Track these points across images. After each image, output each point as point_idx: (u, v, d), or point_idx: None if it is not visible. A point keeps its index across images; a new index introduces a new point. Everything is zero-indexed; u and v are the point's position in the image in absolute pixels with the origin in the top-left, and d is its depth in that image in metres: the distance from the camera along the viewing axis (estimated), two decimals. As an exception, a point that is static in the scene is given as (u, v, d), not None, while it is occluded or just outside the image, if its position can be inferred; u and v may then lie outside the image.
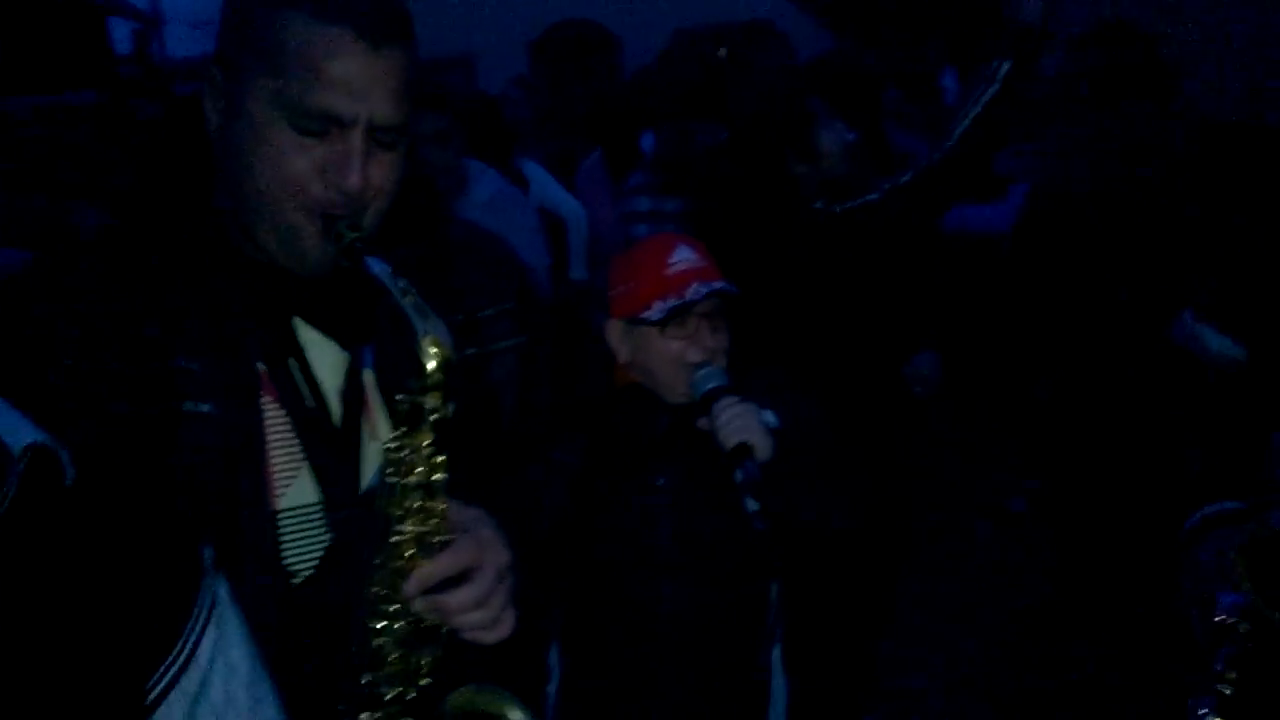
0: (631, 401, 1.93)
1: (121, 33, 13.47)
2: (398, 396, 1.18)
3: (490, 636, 1.22)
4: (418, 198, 1.37)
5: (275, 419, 1.25)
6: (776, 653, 1.97)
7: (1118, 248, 2.62)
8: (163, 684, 0.94)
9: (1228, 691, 1.33)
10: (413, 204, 1.33)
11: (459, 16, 14.04)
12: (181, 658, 0.95)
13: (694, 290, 1.82)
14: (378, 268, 1.16)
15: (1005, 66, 2.37)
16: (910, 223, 2.61)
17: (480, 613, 1.20)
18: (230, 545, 1.15)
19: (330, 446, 1.27)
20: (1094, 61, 2.78)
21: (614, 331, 1.94)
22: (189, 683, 0.95)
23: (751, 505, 1.72)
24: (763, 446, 1.72)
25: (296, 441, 1.26)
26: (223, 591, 1.02)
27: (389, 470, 1.18)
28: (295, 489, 1.26)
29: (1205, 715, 1.35)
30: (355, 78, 1.18)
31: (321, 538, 1.27)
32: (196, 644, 0.96)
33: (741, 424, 1.73)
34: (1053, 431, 2.95)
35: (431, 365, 1.13)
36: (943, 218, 2.96)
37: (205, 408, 1.20)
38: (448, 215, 1.52)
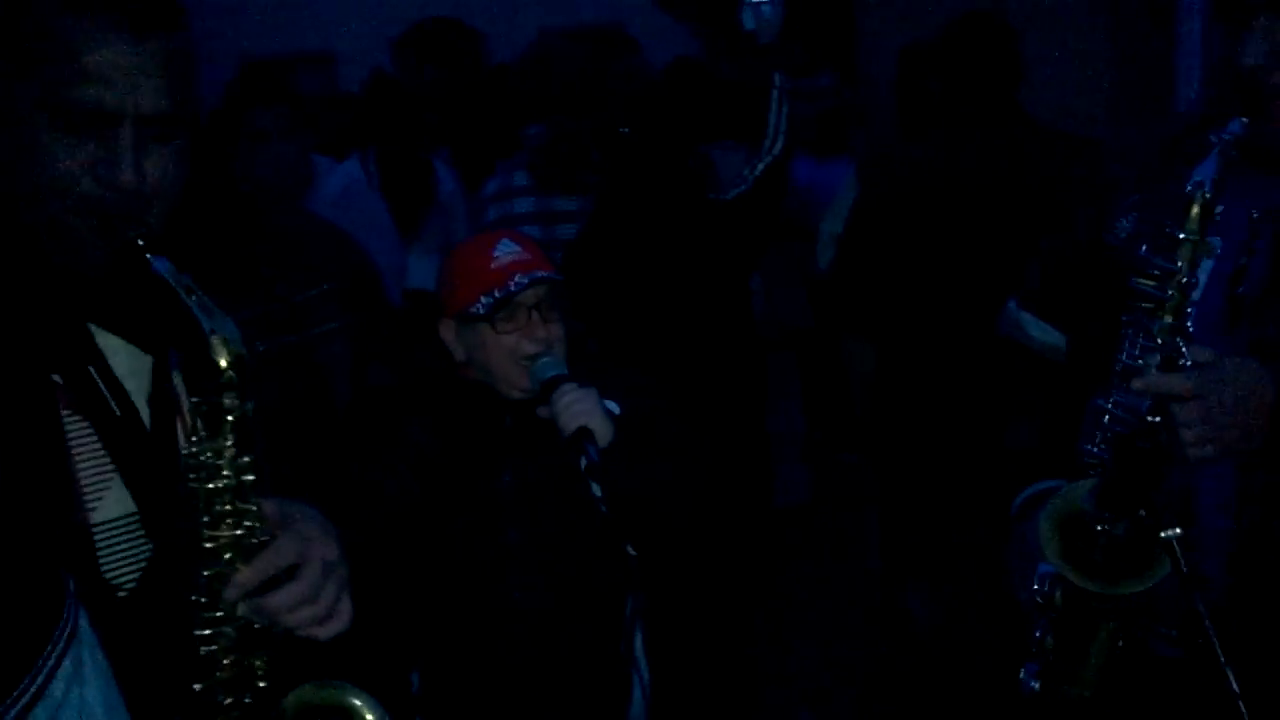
0: (474, 400, 1.94)
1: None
2: (193, 399, 1.15)
3: (326, 631, 1.21)
4: (215, 188, 1.34)
5: (78, 431, 1.20)
6: (639, 643, 1.99)
7: (938, 231, 2.78)
8: (11, 715, 0.91)
9: (1050, 658, 1.40)
10: (209, 195, 1.31)
11: (318, 13, 13.70)
12: (32, 689, 0.92)
13: (516, 281, 1.85)
14: (161, 266, 1.13)
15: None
16: (772, 205, 2.84)
17: (309, 609, 1.19)
18: (45, 561, 1.12)
19: (142, 454, 1.23)
20: (942, 57, 2.94)
21: (448, 331, 1.94)
22: (41, 716, 0.92)
23: (595, 491, 1.75)
24: (602, 430, 1.75)
25: (104, 452, 1.21)
26: (83, 624, 0.98)
27: (190, 476, 1.15)
28: (109, 501, 1.22)
29: (1030, 682, 1.42)
30: (118, 69, 1.13)
31: (143, 549, 1.23)
32: (50, 677, 0.93)
33: (580, 408, 1.76)
34: (881, 407, 3.07)
35: (223, 363, 1.12)
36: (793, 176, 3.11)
37: None
38: (256, 205, 1.49)
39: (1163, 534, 1.25)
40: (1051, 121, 3.12)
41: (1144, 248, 1.34)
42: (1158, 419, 1.27)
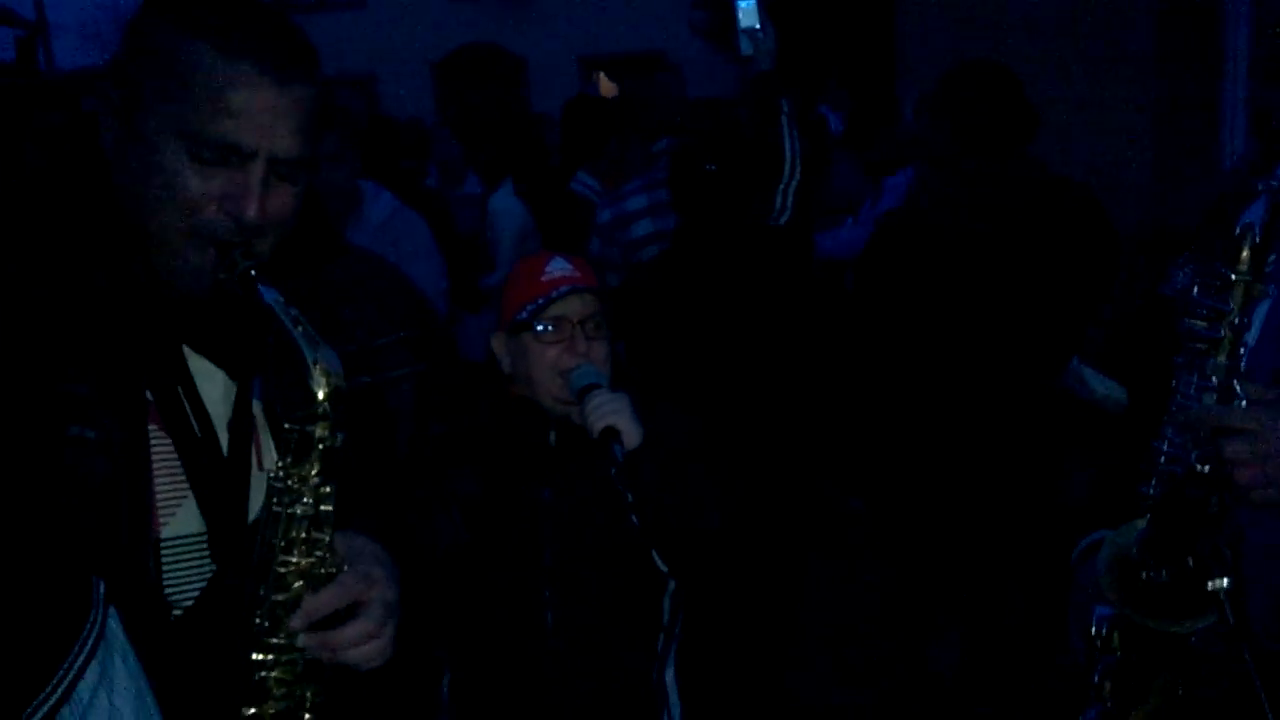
0: (519, 415, 1.96)
1: (4, 40, 12.97)
2: (286, 425, 1.17)
3: (372, 664, 1.23)
4: (312, 227, 1.37)
5: (161, 447, 1.23)
6: (670, 674, 1.99)
7: (976, 287, 2.77)
8: (37, 717, 0.92)
9: (1108, 703, 1.39)
10: (307, 233, 1.33)
11: (359, 37, 13.93)
12: (59, 692, 0.93)
13: (559, 290, 1.88)
14: (270, 297, 1.16)
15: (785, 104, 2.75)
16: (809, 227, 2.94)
17: (370, 646, 1.21)
18: (109, 571, 1.13)
19: (216, 477, 1.26)
20: (953, 106, 2.93)
21: (498, 343, 1.98)
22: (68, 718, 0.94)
23: (628, 497, 1.76)
24: (631, 433, 1.76)
25: (181, 471, 1.24)
26: (114, 628, 1.00)
27: (274, 500, 1.17)
28: (179, 519, 1.24)
29: None
30: (259, 111, 1.18)
31: (204, 569, 1.26)
32: (76, 679, 0.95)
33: (609, 409, 1.77)
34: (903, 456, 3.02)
35: (321, 394, 1.14)
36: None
37: (91, 433, 1.18)
38: (341, 243, 1.52)
39: (1210, 584, 1.24)
40: (1097, 170, 3.09)
41: (1195, 290, 1.35)
42: (1206, 468, 1.27)
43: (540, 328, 1.89)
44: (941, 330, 2.78)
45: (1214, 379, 1.33)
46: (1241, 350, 1.33)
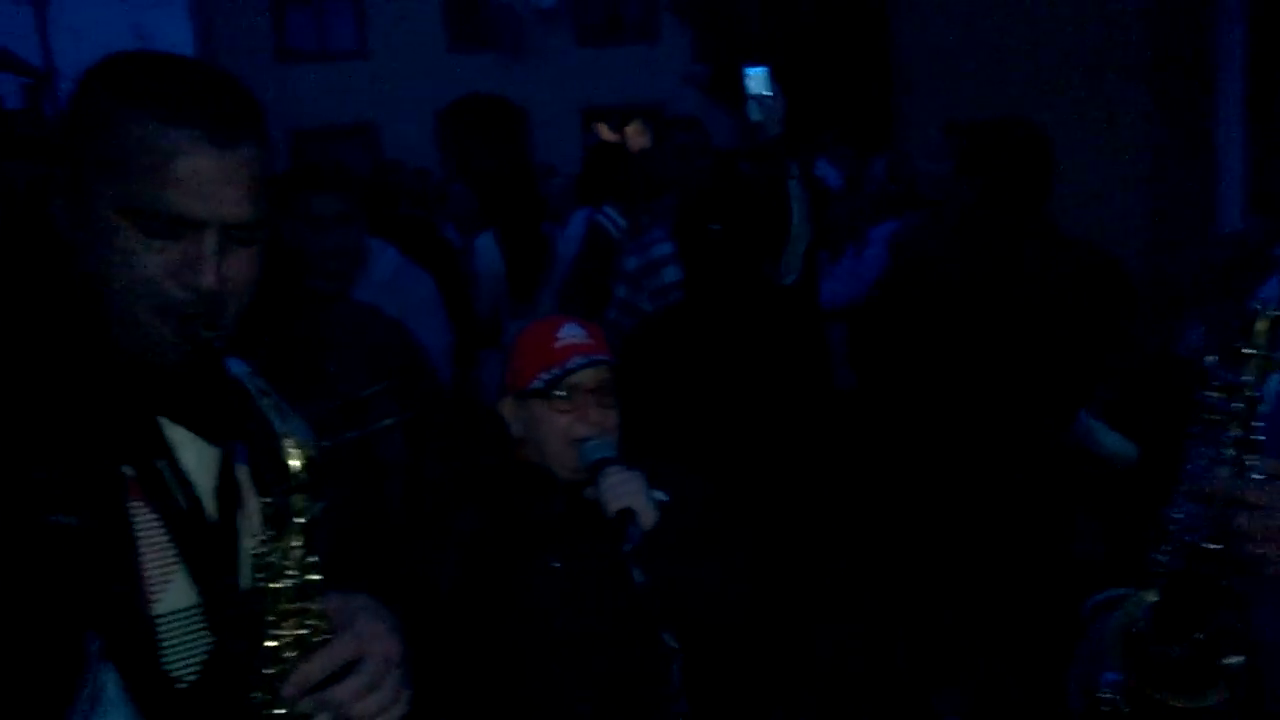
0: (527, 480, 1.95)
1: (10, 88, 13.09)
2: (264, 499, 1.16)
3: (388, 718, 1.21)
4: (281, 284, 1.36)
5: (146, 522, 1.21)
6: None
7: (955, 330, 2.79)
8: None
9: None
10: (276, 291, 1.32)
11: (361, 86, 14.08)
12: None
13: (574, 361, 1.88)
14: (237, 368, 1.14)
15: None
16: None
17: (374, 699, 1.18)
18: (108, 652, 1.12)
19: (206, 547, 1.24)
20: (988, 163, 2.93)
21: (507, 408, 1.97)
22: None
23: (637, 576, 1.75)
24: (646, 513, 1.75)
25: (171, 544, 1.22)
26: (110, 683, 1.00)
27: (258, 575, 1.15)
28: (172, 593, 1.22)
29: None
30: (205, 180, 1.15)
31: (204, 640, 1.23)
32: None
33: (625, 490, 1.77)
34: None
35: (295, 465, 1.11)
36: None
37: (70, 520, 1.15)
38: (317, 296, 1.51)
39: (1223, 662, 1.23)
40: (1089, 238, 3.13)
41: (1212, 359, 1.34)
42: (1217, 546, 1.27)
43: (554, 396, 1.89)
44: (951, 380, 2.78)
45: (1227, 452, 1.32)
46: (1256, 424, 1.32)
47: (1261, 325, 1.30)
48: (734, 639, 2.01)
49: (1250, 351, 1.31)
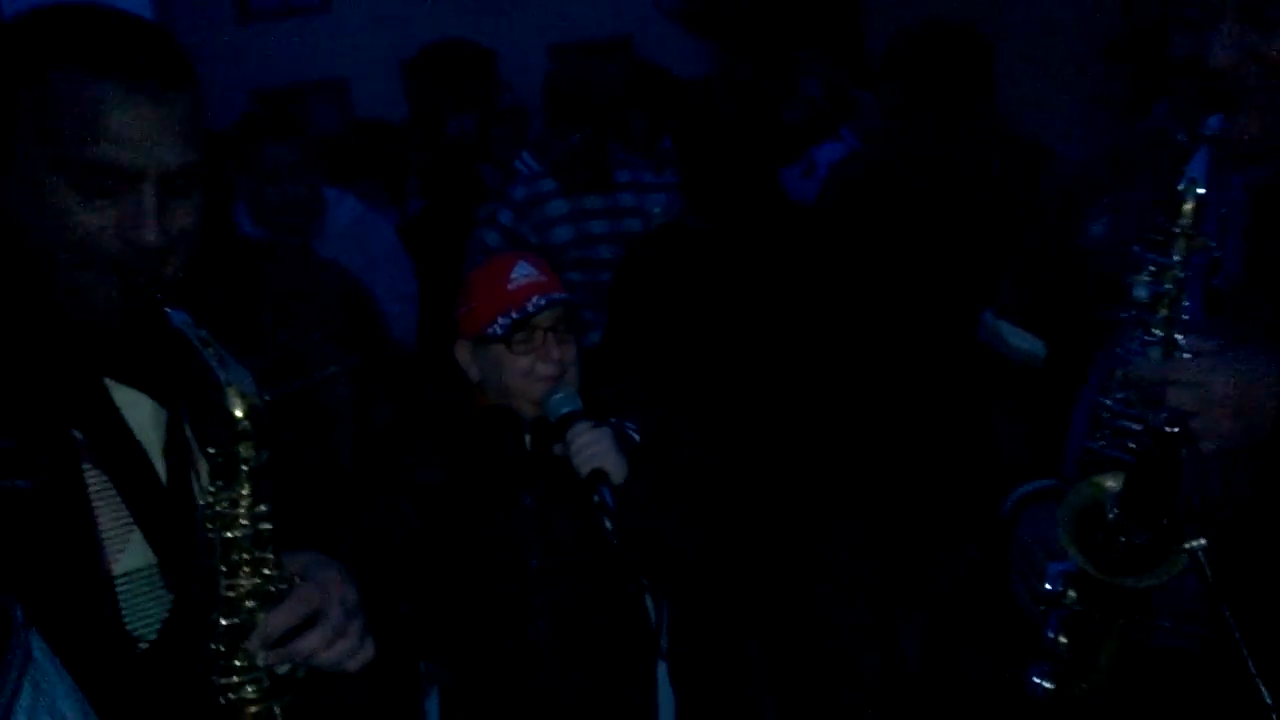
0: (491, 423, 1.94)
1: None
2: (210, 450, 1.16)
3: (356, 663, 1.22)
4: (219, 236, 1.34)
5: (99, 485, 1.21)
6: (663, 668, 1.96)
7: (914, 237, 2.74)
8: None
9: (1065, 656, 1.39)
10: (215, 243, 1.30)
11: (327, 41, 13.84)
12: None
13: (534, 303, 1.86)
14: (179, 319, 1.13)
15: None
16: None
17: (341, 645, 1.20)
18: (67, 616, 1.12)
19: (159, 507, 1.23)
20: (899, 66, 2.89)
21: (463, 352, 1.95)
22: None
23: (607, 525, 1.74)
24: (617, 471, 1.75)
25: (123, 506, 1.22)
26: (37, 646, 0.99)
27: (208, 526, 1.16)
28: (129, 554, 1.22)
29: (1040, 682, 1.41)
30: (138, 129, 1.13)
31: (164, 600, 1.24)
32: (11, 702, 0.93)
33: (595, 450, 1.76)
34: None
35: (239, 414, 1.12)
36: None
37: (23, 484, 1.15)
38: (251, 246, 1.49)
39: (1187, 545, 1.24)
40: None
41: (1137, 247, 1.35)
42: (1176, 429, 1.26)
43: (515, 339, 1.86)
44: (882, 291, 2.75)
45: (1157, 333, 1.34)
46: (1185, 303, 1.34)
47: (1188, 205, 1.31)
48: (713, 577, 2.01)
49: (1178, 231, 1.32)
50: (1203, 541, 1.24)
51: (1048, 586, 1.39)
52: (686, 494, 1.83)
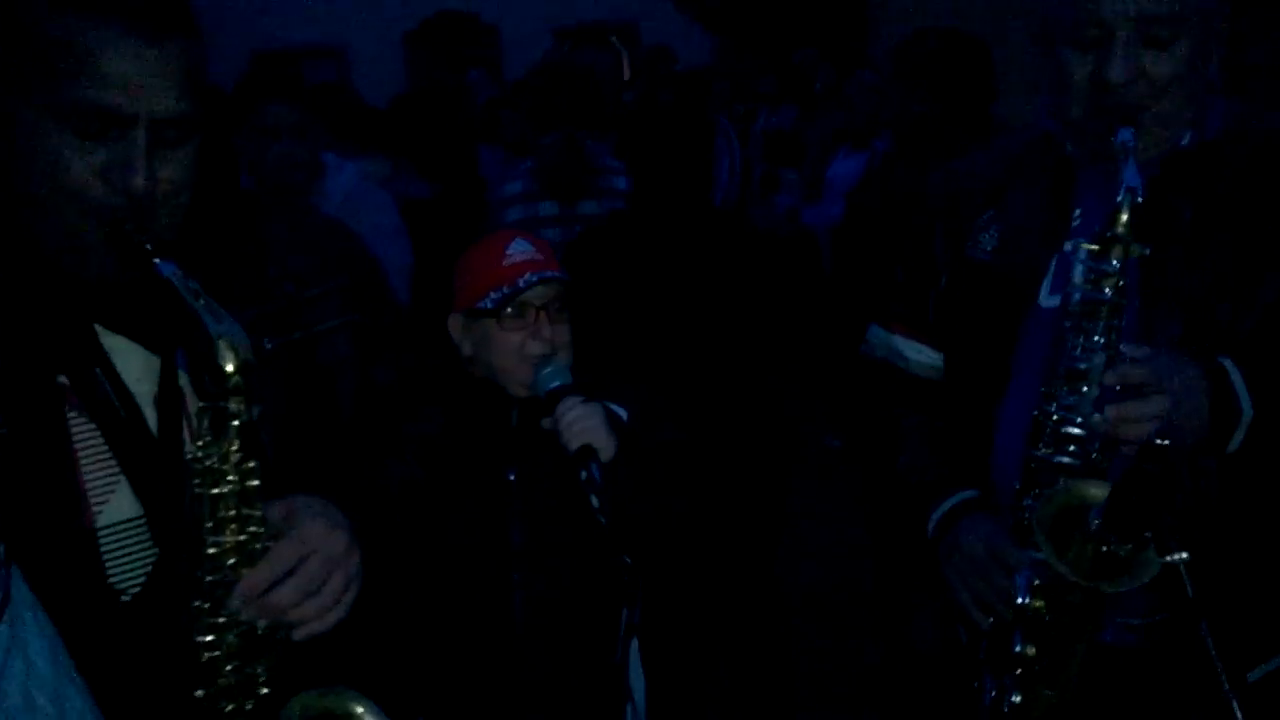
0: (480, 396, 1.93)
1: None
2: (200, 403, 1.14)
3: (325, 623, 1.20)
4: (220, 188, 1.33)
5: (84, 433, 1.19)
6: (634, 651, 1.98)
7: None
8: None
9: (1035, 667, 1.40)
10: (212, 195, 1.28)
11: (329, 7, 13.71)
12: None
13: (526, 279, 1.85)
14: (167, 270, 1.12)
15: None
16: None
17: (312, 603, 1.18)
18: (47, 565, 1.10)
19: (148, 457, 1.22)
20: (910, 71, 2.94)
21: (455, 326, 1.95)
22: None
23: (594, 502, 1.74)
24: (605, 448, 1.74)
25: (110, 455, 1.20)
26: (17, 588, 0.98)
27: (195, 481, 1.14)
28: (114, 504, 1.21)
29: (1001, 694, 1.42)
30: (132, 73, 1.12)
31: (148, 553, 1.22)
32: None
33: (584, 426, 1.75)
34: None
35: (229, 368, 1.11)
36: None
37: (1, 430, 1.13)
38: (260, 202, 1.48)
39: (1168, 559, 1.25)
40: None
41: (1082, 252, 1.39)
42: (1166, 441, 1.26)
43: (506, 314, 1.86)
44: None
45: (1100, 339, 1.37)
46: (1122, 307, 1.37)
47: (1124, 215, 1.35)
48: (691, 555, 2.02)
49: (1118, 237, 1.36)
50: (1185, 555, 1.25)
51: (1020, 600, 1.39)
52: (672, 474, 1.83)
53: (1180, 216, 1.46)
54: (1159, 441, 1.27)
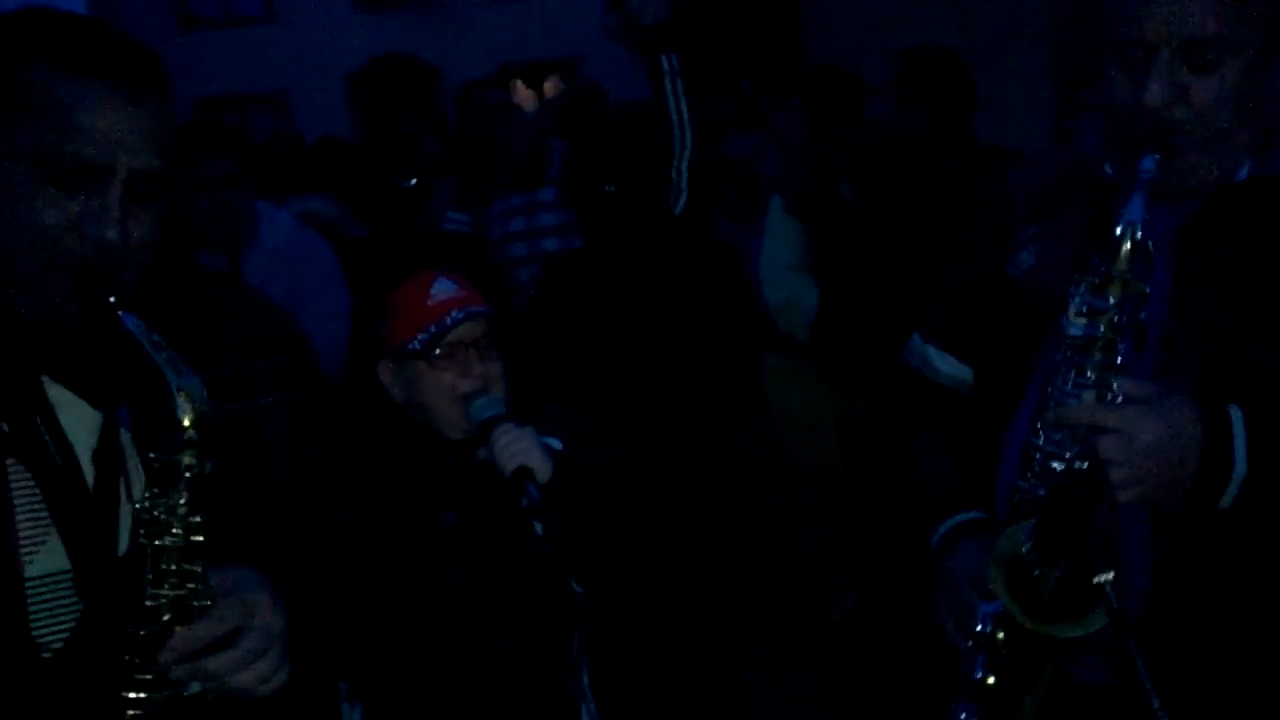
0: (414, 443, 1.93)
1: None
2: (151, 454, 1.15)
3: (265, 690, 1.20)
4: (176, 255, 1.34)
5: (20, 482, 1.19)
6: (585, 678, 1.98)
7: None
8: None
9: (992, 695, 1.39)
10: (171, 261, 1.31)
11: (269, 53, 13.71)
12: None
13: (452, 316, 1.86)
14: (132, 323, 1.13)
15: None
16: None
17: (250, 673, 1.18)
18: None
19: (81, 511, 1.22)
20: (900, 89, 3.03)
21: (385, 372, 1.94)
22: None
23: (537, 529, 1.74)
24: (542, 468, 1.75)
25: (43, 505, 1.20)
26: None
27: (140, 532, 1.14)
28: (44, 556, 1.19)
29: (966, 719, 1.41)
30: (114, 128, 1.15)
31: (73, 607, 1.21)
32: None
33: (518, 448, 1.76)
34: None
35: (186, 421, 1.11)
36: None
37: None
38: (208, 274, 1.50)
39: (1095, 579, 1.26)
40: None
41: (1077, 287, 1.35)
42: (1086, 465, 1.28)
43: (434, 355, 1.86)
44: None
45: (1091, 375, 1.33)
46: (1120, 346, 1.33)
47: (1125, 249, 1.31)
48: (635, 578, 2.02)
49: (1115, 275, 1.31)
50: (1110, 575, 1.25)
51: (979, 628, 1.39)
52: (614, 496, 1.83)
53: (1217, 255, 1.39)
54: (1080, 464, 1.29)
